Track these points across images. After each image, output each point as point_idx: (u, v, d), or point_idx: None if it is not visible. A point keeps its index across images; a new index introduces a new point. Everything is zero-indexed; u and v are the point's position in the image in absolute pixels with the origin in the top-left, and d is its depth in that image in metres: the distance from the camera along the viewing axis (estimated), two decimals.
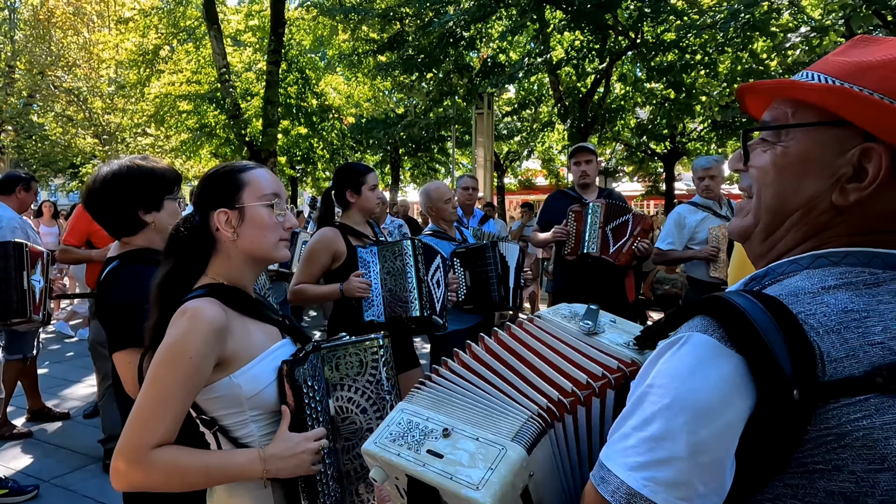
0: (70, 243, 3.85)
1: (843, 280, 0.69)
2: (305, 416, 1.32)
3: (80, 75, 17.18)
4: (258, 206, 1.38)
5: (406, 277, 2.71)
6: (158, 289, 1.37)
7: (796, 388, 0.62)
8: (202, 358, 1.23)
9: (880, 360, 0.62)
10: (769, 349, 0.63)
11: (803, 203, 0.74)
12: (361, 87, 18.11)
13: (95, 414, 4.68)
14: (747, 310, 0.66)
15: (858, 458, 0.61)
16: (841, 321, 0.65)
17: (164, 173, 1.84)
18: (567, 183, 18.63)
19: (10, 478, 3.55)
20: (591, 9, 7.79)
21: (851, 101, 0.69)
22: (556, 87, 11.53)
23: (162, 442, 1.20)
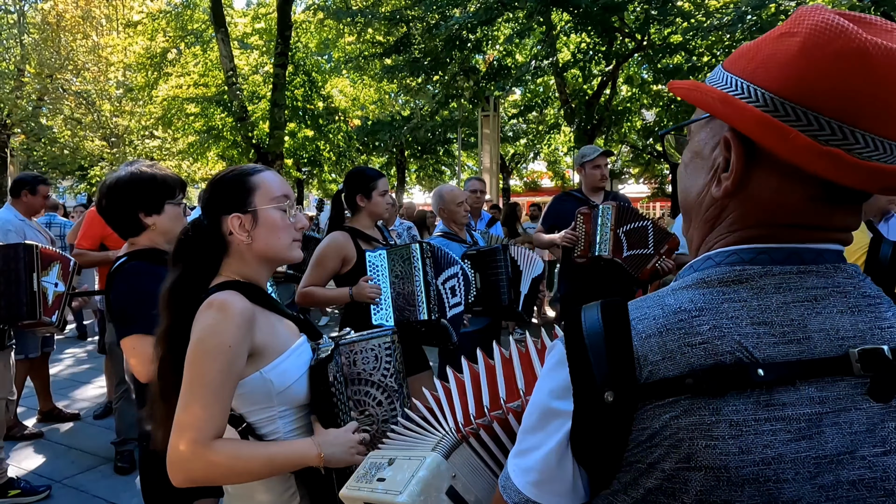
0: (84, 247, 3.88)
1: (700, 278, 0.69)
2: (338, 411, 1.39)
3: (89, 78, 17.30)
4: (270, 209, 1.41)
5: (414, 281, 2.73)
6: (169, 294, 1.39)
7: (610, 391, 0.65)
8: (239, 346, 1.26)
9: (698, 362, 0.62)
10: (586, 354, 0.67)
11: (696, 198, 0.74)
12: (367, 90, 18.17)
13: (106, 415, 4.72)
14: (586, 319, 0.70)
15: (667, 456, 0.62)
16: (666, 323, 0.65)
17: (165, 179, 1.99)
18: (573, 185, 18.62)
19: (22, 478, 3.59)
20: (597, 11, 7.79)
21: (702, 95, 0.70)
22: (563, 89, 11.54)
23: (218, 434, 1.22)
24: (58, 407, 4.79)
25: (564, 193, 4.40)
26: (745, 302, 0.65)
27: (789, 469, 0.60)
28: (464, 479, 0.99)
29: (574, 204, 3.89)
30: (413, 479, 0.95)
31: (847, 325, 0.64)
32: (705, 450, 0.61)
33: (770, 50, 0.66)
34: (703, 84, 0.72)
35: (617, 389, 0.64)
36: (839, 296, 0.66)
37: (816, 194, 0.66)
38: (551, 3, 7.98)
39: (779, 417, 0.61)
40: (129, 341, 1.79)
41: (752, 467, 0.60)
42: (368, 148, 17.59)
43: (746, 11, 6.95)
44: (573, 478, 0.70)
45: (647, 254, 3.58)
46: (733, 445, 0.60)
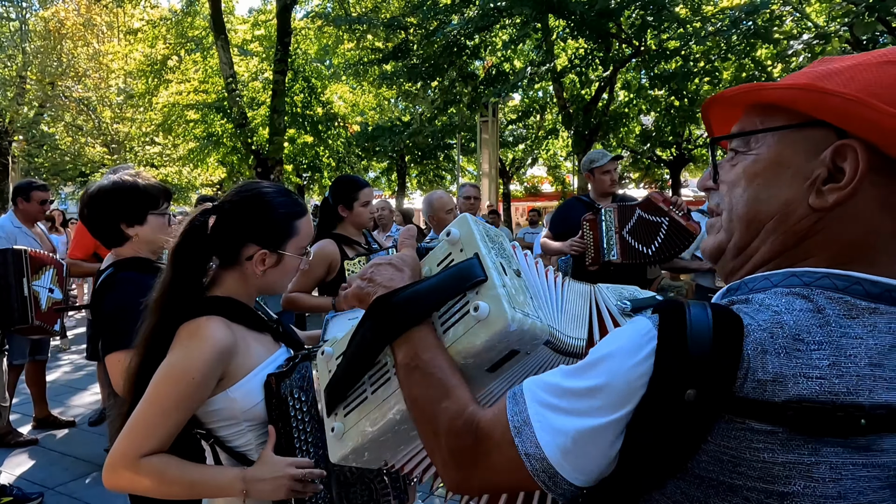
0: (76, 257, 3.89)
1: (813, 305, 0.64)
2: (291, 429, 1.34)
3: (90, 85, 17.40)
4: (294, 257, 1.43)
5: None
6: (160, 295, 1.36)
7: (693, 388, 0.60)
8: (205, 378, 1.27)
9: (809, 394, 0.58)
10: (683, 338, 0.62)
11: (778, 209, 0.70)
12: (366, 96, 18.24)
13: (100, 422, 4.72)
14: (692, 312, 0.64)
15: (755, 489, 0.60)
16: (785, 345, 0.61)
17: (147, 188, 1.93)
18: (572, 190, 18.62)
19: (14, 485, 3.59)
20: (593, 17, 7.83)
21: (820, 97, 0.67)
22: (561, 94, 11.57)
23: (153, 451, 1.24)
24: (53, 414, 4.79)
25: (573, 199, 4.32)
26: (861, 339, 0.61)
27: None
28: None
29: (581, 210, 3.81)
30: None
31: None
32: (804, 490, 0.58)
33: (875, 73, 0.66)
34: (815, 84, 0.68)
35: (704, 390, 0.60)
36: None
37: None
38: (547, 10, 8.01)
39: (875, 464, 0.59)
40: (114, 357, 1.75)
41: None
42: (369, 153, 17.65)
43: (741, 17, 6.97)
44: (607, 463, 0.66)
45: (646, 253, 3.48)
46: (833, 489, 0.58)
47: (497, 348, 0.82)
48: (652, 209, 3.49)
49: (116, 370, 1.73)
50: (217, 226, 1.39)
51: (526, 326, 0.81)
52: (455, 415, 0.76)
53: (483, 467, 0.73)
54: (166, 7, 15.54)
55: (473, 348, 0.83)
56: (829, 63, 0.72)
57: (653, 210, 3.48)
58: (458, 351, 0.84)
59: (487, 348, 0.82)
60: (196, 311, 1.33)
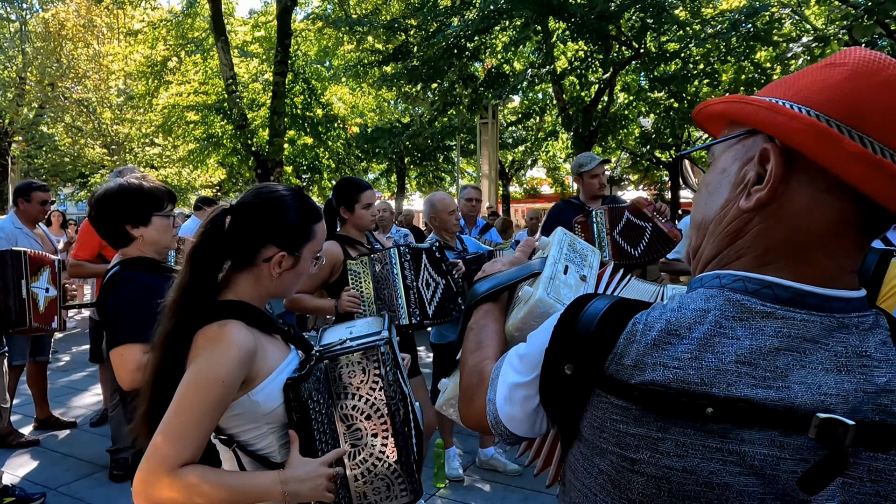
0: (81, 258, 3.89)
1: (708, 305, 0.69)
2: (313, 431, 1.35)
3: (90, 86, 17.40)
4: (309, 260, 1.46)
5: (394, 286, 2.76)
6: (177, 296, 1.35)
7: (570, 364, 0.74)
8: (234, 382, 1.27)
9: (660, 380, 0.66)
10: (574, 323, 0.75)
11: (717, 211, 0.75)
12: (366, 98, 18.26)
13: (102, 423, 4.73)
14: (594, 302, 0.77)
15: (613, 452, 0.69)
16: (657, 337, 0.68)
17: (152, 191, 2.00)
18: (572, 192, 18.65)
19: (17, 486, 3.59)
20: (593, 20, 7.85)
21: (742, 107, 0.72)
22: (560, 96, 11.60)
23: (189, 461, 1.22)
24: (54, 415, 4.80)
25: (563, 202, 4.37)
26: (738, 340, 0.66)
27: (734, 499, 0.63)
28: None
29: (572, 212, 3.84)
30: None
31: (831, 383, 0.64)
32: (650, 460, 0.66)
33: (814, 77, 0.69)
34: (748, 96, 0.73)
35: (578, 366, 0.73)
36: (829, 353, 0.65)
37: (849, 217, 0.67)
38: (547, 12, 8.04)
39: (732, 451, 0.63)
40: (118, 350, 1.79)
41: (694, 486, 0.64)
42: (368, 155, 17.67)
43: (740, 20, 7.00)
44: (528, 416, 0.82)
45: (648, 228, 3.53)
46: (678, 463, 0.65)
47: (530, 324, 0.99)
48: (638, 214, 3.58)
49: (119, 364, 1.79)
50: (234, 226, 1.38)
51: (552, 310, 0.96)
52: (476, 361, 0.98)
53: (474, 405, 0.92)
54: (166, 8, 15.57)
55: (516, 322, 1.04)
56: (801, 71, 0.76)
57: (639, 215, 3.58)
58: (509, 325, 1.06)
59: (524, 322, 1.01)
60: (212, 315, 1.32)
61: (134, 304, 1.77)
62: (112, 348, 1.81)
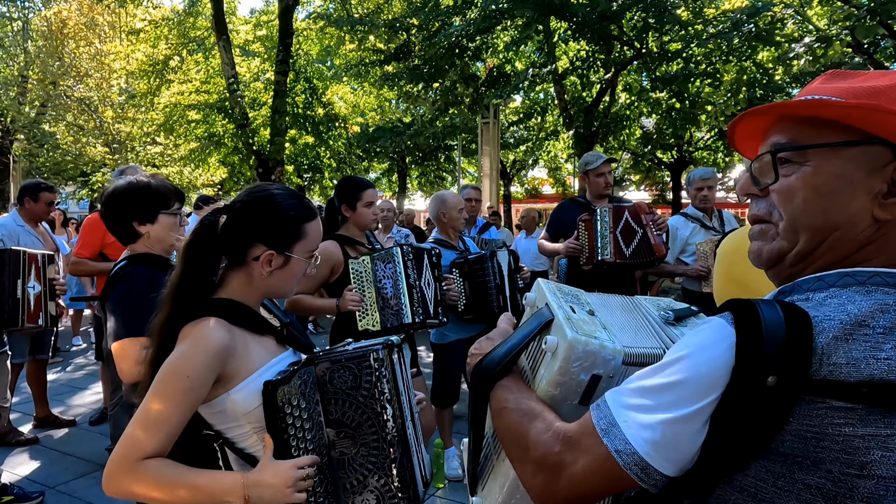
0: (83, 256, 3.89)
1: (872, 298, 0.70)
2: (288, 437, 1.30)
3: (92, 85, 17.41)
4: (301, 260, 1.44)
5: (397, 285, 2.75)
6: (170, 290, 1.38)
7: (774, 375, 0.67)
8: (201, 377, 1.27)
9: (879, 375, 0.65)
10: (759, 332, 0.69)
11: (844, 220, 0.76)
12: (367, 97, 18.25)
13: (101, 421, 4.73)
14: (761, 306, 0.72)
15: (837, 460, 0.65)
16: (853, 332, 0.67)
17: (159, 189, 2.04)
18: (573, 192, 18.63)
19: (15, 484, 3.59)
20: (595, 19, 7.84)
21: (878, 116, 0.73)
22: (562, 96, 11.57)
23: (154, 454, 1.22)
24: (53, 413, 4.80)
25: (569, 200, 4.39)
26: None
27: None
28: None
29: (577, 211, 3.88)
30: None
31: None
32: (881, 460, 0.64)
33: None
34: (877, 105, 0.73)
35: (783, 376, 0.67)
36: None
37: None
38: (549, 12, 8.02)
39: None
40: (120, 343, 1.82)
41: None
42: (369, 154, 17.66)
43: (742, 20, 6.98)
44: (695, 451, 0.72)
45: (642, 236, 3.58)
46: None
47: (573, 373, 0.90)
48: (636, 217, 3.61)
49: (121, 356, 1.81)
50: (227, 225, 1.40)
51: (591, 347, 0.89)
52: (543, 430, 0.85)
53: (569, 472, 0.79)
54: (168, 7, 15.57)
55: (553, 378, 0.91)
56: (858, 80, 0.78)
57: (636, 219, 3.61)
58: (543, 387, 0.93)
59: (563, 374, 0.90)
60: (200, 312, 1.34)
61: (137, 299, 1.79)
62: (115, 341, 1.84)
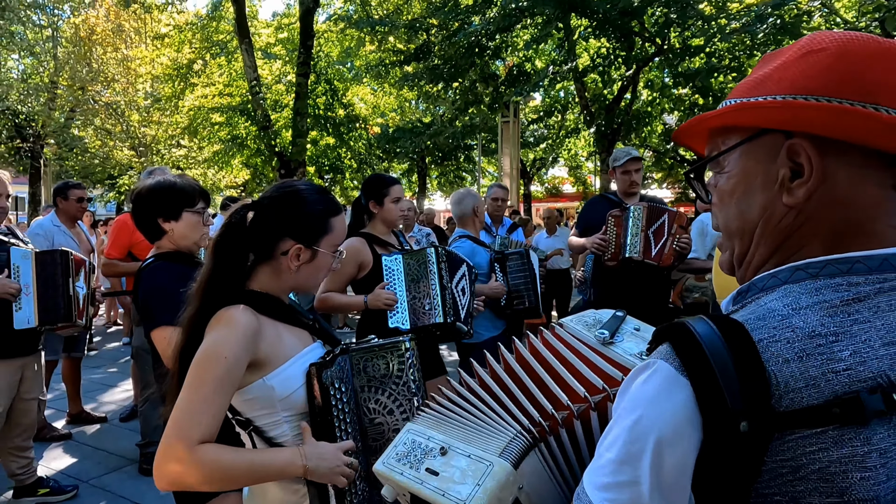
0: (113, 256, 3.99)
1: (819, 298, 0.66)
2: (332, 418, 1.36)
3: (119, 90, 17.78)
4: (328, 254, 1.47)
5: (430, 285, 2.76)
6: (200, 283, 1.42)
7: (745, 420, 0.62)
8: (235, 358, 1.30)
9: (843, 389, 0.61)
10: (716, 379, 0.63)
11: (759, 215, 0.75)
12: (387, 98, 18.34)
13: (131, 417, 4.83)
14: (703, 338, 0.66)
15: (815, 491, 0.60)
16: (804, 348, 0.63)
17: (183, 188, 2.10)
18: (594, 190, 18.51)
19: (51, 477, 3.69)
20: (616, 16, 7.77)
21: (756, 111, 0.73)
22: (583, 94, 11.51)
23: (203, 439, 1.23)
24: (86, 410, 4.92)
25: (599, 196, 4.35)
26: (869, 322, 0.64)
27: None
28: (530, 490, 0.87)
29: (606, 207, 3.82)
30: (479, 491, 0.82)
31: None
32: (860, 482, 0.59)
33: (799, 67, 0.71)
34: (744, 101, 0.74)
35: (753, 419, 0.62)
36: None
37: (889, 182, 0.69)
38: (569, 9, 7.97)
39: None
40: (157, 332, 1.90)
41: (894, 493, 0.60)
42: (389, 154, 17.76)
43: (767, 12, 6.87)
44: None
45: (665, 241, 3.56)
46: (883, 474, 0.59)
47: None
48: (671, 224, 3.56)
49: (160, 345, 1.89)
50: (255, 221, 1.44)
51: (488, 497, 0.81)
52: None
53: None
54: (192, 12, 15.82)
55: None
56: (769, 63, 0.77)
57: (671, 224, 3.56)
58: None
59: None
60: (229, 302, 1.38)
61: (166, 290, 1.85)
62: (151, 331, 1.92)
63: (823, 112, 0.67)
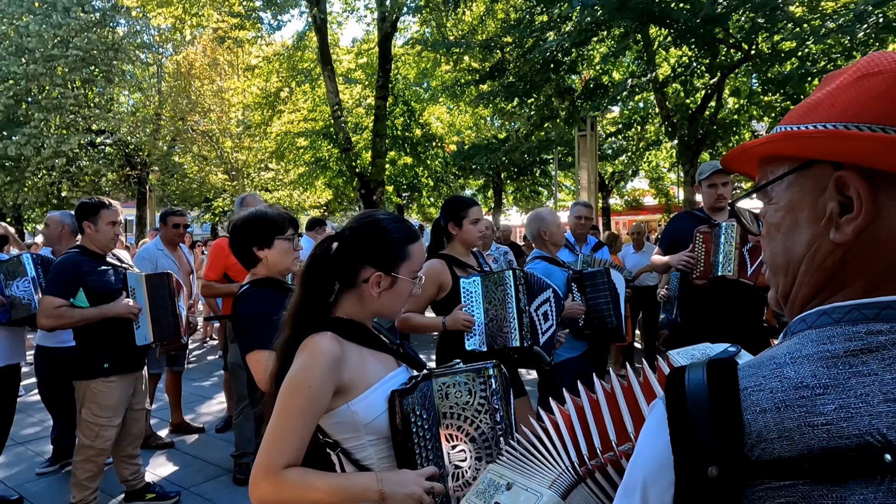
0: (210, 278, 4.31)
1: (824, 347, 0.63)
2: (412, 445, 1.39)
3: (214, 119, 19.12)
4: (407, 280, 1.54)
5: (507, 307, 2.76)
6: (291, 311, 1.51)
7: (714, 465, 0.62)
8: (320, 387, 1.37)
9: (818, 444, 0.58)
10: (692, 425, 0.64)
11: (804, 251, 0.70)
12: (463, 116, 18.59)
13: (226, 429, 5.13)
14: (690, 383, 0.67)
15: None
16: (785, 399, 0.61)
17: (274, 217, 2.25)
18: (677, 202, 17.80)
19: (157, 483, 3.98)
20: (698, 24, 7.51)
21: (803, 140, 0.68)
22: (663, 104, 11.16)
23: (290, 462, 1.34)
24: (185, 420, 5.27)
25: (685, 212, 4.18)
26: (876, 376, 0.60)
27: None
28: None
29: (692, 223, 3.63)
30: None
31: None
32: None
33: (853, 93, 0.66)
34: (792, 130, 0.69)
35: (722, 465, 0.62)
36: None
37: None
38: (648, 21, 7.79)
39: None
40: (251, 356, 2.03)
41: None
42: (465, 172, 17.94)
43: (867, 10, 6.41)
44: None
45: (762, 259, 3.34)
46: None
47: None
48: None
49: (254, 367, 2.02)
50: (338, 251, 1.52)
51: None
52: None
53: None
54: (279, 42, 16.77)
55: None
56: (825, 85, 0.72)
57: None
58: None
59: None
60: (318, 329, 1.45)
61: (260, 316, 1.99)
62: (245, 354, 2.06)
63: (875, 143, 0.62)
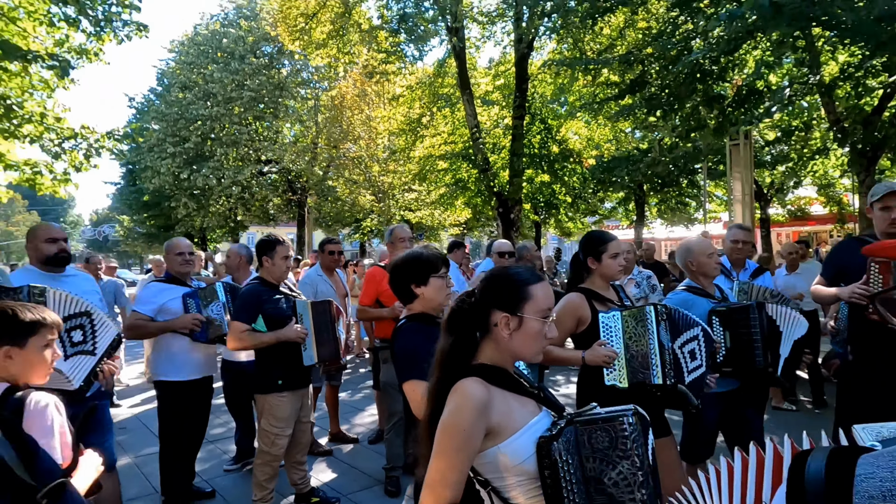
0: (364, 304, 4.75)
1: None
2: (561, 489, 1.49)
3: (363, 145, 20.66)
4: (534, 319, 1.66)
5: (648, 344, 2.73)
6: (439, 356, 1.69)
7: None
8: (472, 428, 1.52)
9: None
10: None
11: None
12: (602, 129, 18.18)
13: (377, 440, 5.54)
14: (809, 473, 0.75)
15: None
16: (892, 488, 0.64)
17: (429, 258, 2.49)
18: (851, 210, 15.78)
19: (320, 489, 4.43)
20: (871, 22, 6.71)
21: None
22: (831, 108, 10.06)
23: (453, 499, 1.50)
24: (342, 430, 5.77)
25: (852, 239, 3.72)
26: None
27: None
28: None
29: (860, 251, 3.24)
30: None
31: None
32: None
33: None
34: None
35: None
36: None
37: None
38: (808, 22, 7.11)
39: None
40: (407, 385, 2.25)
41: None
42: (605, 185, 17.49)
43: None
44: None
45: None
46: None
47: None
48: None
49: (412, 396, 2.23)
50: (475, 301, 1.71)
51: None
52: None
53: None
54: (421, 70, 17.70)
55: None
56: None
57: None
58: None
59: None
60: (463, 374, 1.61)
61: (414, 350, 2.23)
62: (402, 383, 2.29)
63: None
